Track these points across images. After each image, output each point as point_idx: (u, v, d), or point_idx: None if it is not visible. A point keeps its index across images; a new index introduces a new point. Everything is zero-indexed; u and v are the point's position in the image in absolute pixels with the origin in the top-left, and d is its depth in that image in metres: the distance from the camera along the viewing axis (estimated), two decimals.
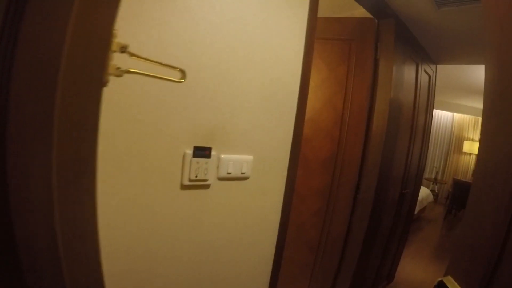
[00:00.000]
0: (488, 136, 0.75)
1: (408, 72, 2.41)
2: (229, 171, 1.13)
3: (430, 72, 2.96)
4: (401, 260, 3.35)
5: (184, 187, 1.05)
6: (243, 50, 1.09)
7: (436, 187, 7.85)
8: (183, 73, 0.72)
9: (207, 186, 1.10)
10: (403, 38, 2.22)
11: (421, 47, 2.63)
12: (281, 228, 1.32)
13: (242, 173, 1.17)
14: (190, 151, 1.02)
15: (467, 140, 8.03)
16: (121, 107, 0.84)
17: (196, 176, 1.05)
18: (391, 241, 2.76)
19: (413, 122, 2.55)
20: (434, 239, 5.14)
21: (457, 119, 8.13)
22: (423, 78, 2.76)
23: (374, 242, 2.40)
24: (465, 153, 8.07)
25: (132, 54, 0.62)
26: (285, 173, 1.30)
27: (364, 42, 2.07)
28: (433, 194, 6.90)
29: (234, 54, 1.07)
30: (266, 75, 1.16)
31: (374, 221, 2.19)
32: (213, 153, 1.08)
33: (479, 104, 7.42)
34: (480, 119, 7.94)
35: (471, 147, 7.82)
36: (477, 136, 8.08)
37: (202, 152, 1.05)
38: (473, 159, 8.04)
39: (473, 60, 3.12)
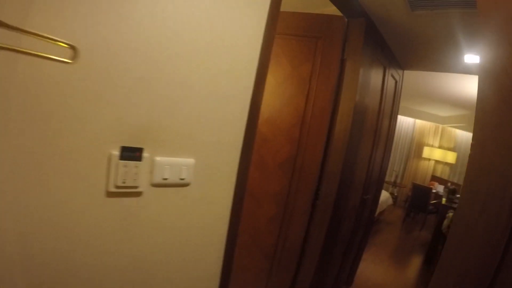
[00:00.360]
0: (481, 152, 0.64)
1: (375, 76, 2.34)
2: (165, 177, 0.96)
3: (397, 77, 2.93)
4: (361, 263, 3.33)
5: (110, 194, 0.87)
6: (187, 35, 0.92)
7: (395, 190, 8.06)
8: (74, 50, 0.55)
9: (138, 194, 0.93)
10: (373, 40, 2.14)
11: (389, 50, 2.58)
12: (229, 241, 1.17)
13: (181, 179, 1.00)
14: (117, 152, 0.85)
15: (427, 146, 8.30)
16: (19, 97, 0.65)
17: (124, 182, 0.88)
18: (351, 246, 2.70)
19: (377, 127, 2.50)
20: (393, 242, 5.22)
21: (418, 125, 8.38)
22: (390, 82, 2.71)
23: (333, 249, 2.32)
24: (425, 159, 8.34)
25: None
26: (233, 179, 1.14)
27: (331, 41, 1.97)
28: (392, 197, 7.06)
29: (176, 39, 0.90)
30: (214, 66, 0.99)
31: (333, 228, 2.10)
32: (145, 155, 0.91)
33: (440, 112, 7.69)
34: (441, 126, 8.24)
35: (431, 153, 8.09)
36: (436, 143, 8.37)
37: (131, 153, 0.88)
38: (432, 164, 8.33)
39: (441, 68, 3.13)
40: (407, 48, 2.61)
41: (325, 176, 1.93)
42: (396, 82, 2.92)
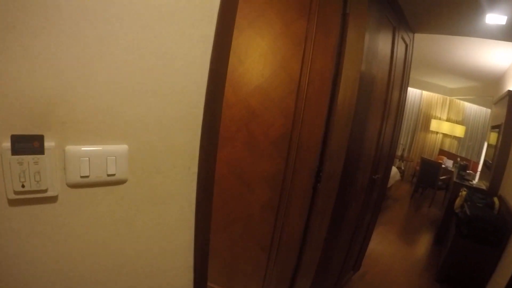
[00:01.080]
0: None
1: (384, 37, 2.01)
2: (83, 174, 0.66)
3: (408, 41, 2.57)
4: (368, 245, 3.09)
5: (12, 202, 0.60)
6: None
7: (402, 164, 7.79)
8: None
9: (52, 199, 0.64)
10: None
11: (399, 8, 2.22)
12: (199, 248, 0.88)
13: (109, 175, 0.69)
14: (8, 144, 0.57)
15: (434, 118, 7.95)
16: None
17: (23, 186, 0.60)
18: (358, 231, 2.43)
19: (387, 98, 2.17)
20: (402, 220, 4.98)
21: (425, 97, 7.99)
22: (400, 47, 2.37)
23: (338, 237, 2.06)
24: (432, 132, 8.00)
25: None
26: (194, 168, 0.82)
27: None
28: (399, 172, 6.79)
29: None
30: (147, 4, 0.65)
31: (338, 215, 1.83)
32: (49, 144, 0.61)
33: (448, 83, 7.29)
34: (448, 98, 7.86)
35: (439, 126, 7.75)
36: (444, 115, 8.01)
37: (26, 144, 0.59)
38: (440, 137, 8.00)
39: (458, 30, 2.77)
40: (419, 6, 2.25)
41: (327, 154, 1.63)
42: (406, 46, 2.56)
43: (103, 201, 0.71)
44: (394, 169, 5.85)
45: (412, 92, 7.89)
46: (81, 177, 0.66)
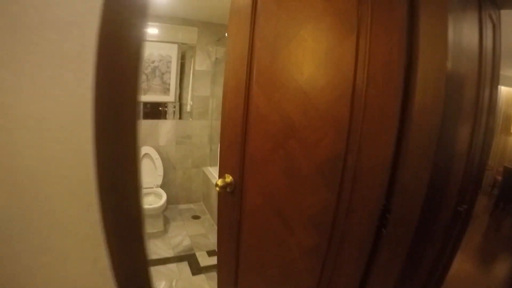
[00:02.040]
0: None
1: (468, 16, 1.45)
2: None
3: (495, 19, 1.93)
4: None
5: None
6: None
7: None
8: None
9: None
10: None
11: None
12: None
13: None
14: None
15: None
16: None
17: None
18: (431, 278, 1.84)
19: (479, 99, 1.57)
20: (478, 244, 4.15)
21: (505, 94, 6.83)
22: (488, 29, 1.76)
23: None
24: None
25: None
26: (103, 261, 0.39)
27: None
28: None
29: None
30: None
31: (410, 268, 1.29)
32: None
33: None
34: None
35: None
36: None
37: None
38: None
39: None
40: None
41: (398, 186, 1.11)
42: (494, 26, 1.91)
43: None
44: None
45: None
46: None
